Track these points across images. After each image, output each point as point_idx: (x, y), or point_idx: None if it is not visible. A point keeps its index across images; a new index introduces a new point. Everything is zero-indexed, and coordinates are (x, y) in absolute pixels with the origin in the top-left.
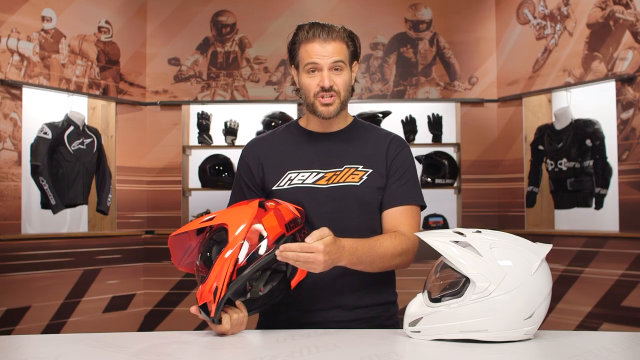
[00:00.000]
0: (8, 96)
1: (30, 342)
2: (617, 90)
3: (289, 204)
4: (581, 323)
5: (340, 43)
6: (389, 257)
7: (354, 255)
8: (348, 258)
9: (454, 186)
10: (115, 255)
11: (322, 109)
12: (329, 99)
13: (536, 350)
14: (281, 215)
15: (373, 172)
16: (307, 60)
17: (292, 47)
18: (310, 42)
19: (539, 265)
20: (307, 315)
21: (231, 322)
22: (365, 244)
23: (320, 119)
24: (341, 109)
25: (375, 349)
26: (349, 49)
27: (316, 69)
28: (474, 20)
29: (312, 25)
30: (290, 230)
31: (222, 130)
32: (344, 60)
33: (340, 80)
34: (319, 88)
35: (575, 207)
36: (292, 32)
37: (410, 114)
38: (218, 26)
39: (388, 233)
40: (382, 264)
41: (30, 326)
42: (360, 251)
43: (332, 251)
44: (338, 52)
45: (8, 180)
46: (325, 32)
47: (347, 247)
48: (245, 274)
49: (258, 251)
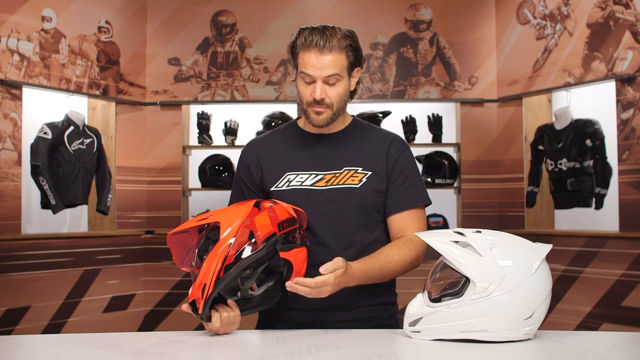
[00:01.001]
0: (8, 96)
1: (30, 342)
2: (617, 90)
3: (288, 204)
4: (581, 323)
5: (338, 55)
6: (398, 269)
7: (364, 278)
8: (357, 282)
9: (454, 186)
10: (115, 255)
11: (314, 116)
12: (320, 108)
13: (536, 350)
14: (275, 215)
15: (372, 174)
16: (303, 69)
17: (292, 49)
18: (308, 50)
19: (539, 265)
20: (305, 315)
21: (221, 321)
22: (375, 264)
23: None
24: (333, 119)
25: (375, 349)
26: (349, 59)
27: (310, 80)
28: (474, 20)
29: (312, 30)
30: (282, 229)
31: (222, 130)
32: (339, 73)
33: (334, 93)
34: (312, 98)
35: (575, 207)
36: (295, 32)
37: (410, 114)
38: (218, 26)
39: (396, 242)
40: (391, 276)
41: (30, 326)
42: (371, 274)
43: (342, 281)
44: (334, 64)
45: (8, 180)
46: (324, 40)
47: (358, 274)
48: (231, 272)
49: (245, 250)
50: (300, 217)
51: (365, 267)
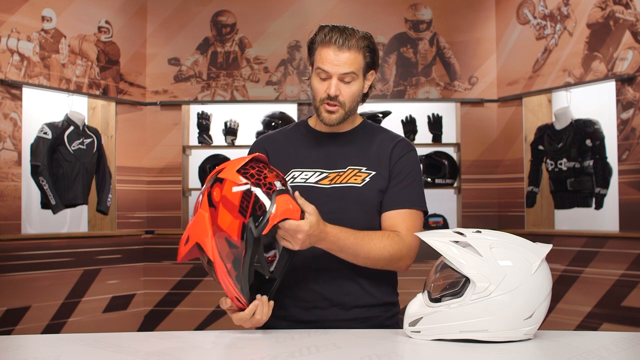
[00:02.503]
0: (8, 96)
1: (30, 342)
2: (617, 90)
3: (236, 162)
4: (581, 323)
5: (356, 53)
6: (375, 254)
7: (335, 244)
8: (328, 245)
9: (454, 186)
10: (115, 255)
11: (325, 115)
12: (332, 107)
13: (536, 350)
14: (230, 202)
15: (376, 174)
16: (319, 65)
17: (310, 46)
18: (326, 46)
19: (539, 265)
20: (304, 313)
21: (255, 315)
22: (350, 236)
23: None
24: (344, 118)
25: (375, 349)
26: (365, 59)
27: (326, 77)
28: (474, 20)
29: (332, 28)
30: (246, 212)
31: (222, 130)
32: (355, 72)
33: (348, 92)
34: (326, 95)
35: (575, 207)
36: (314, 30)
37: (410, 114)
38: (218, 26)
39: (382, 231)
40: (367, 259)
41: (30, 326)
42: (343, 242)
43: (314, 234)
44: (351, 62)
45: (8, 180)
46: (343, 38)
47: (331, 235)
48: (243, 278)
49: (235, 257)
50: (257, 159)
51: (340, 233)
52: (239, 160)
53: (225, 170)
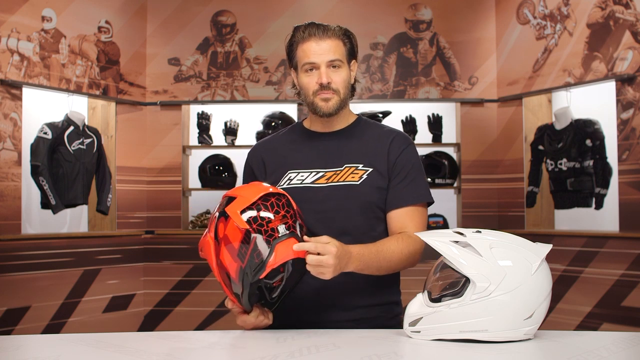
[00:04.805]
0: (8, 96)
1: (30, 342)
2: (617, 90)
3: (249, 194)
4: (581, 323)
5: (337, 40)
6: (395, 260)
7: (361, 261)
8: (355, 264)
9: (454, 186)
10: (115, 255)
11: (322, 104)
12: (327, 94)
13: (536, 350)
14: (230, 243)
15: (373, 171)
16: (305, 59)
17: (290, 49)
18: (307, 41)
19: (539, 265)
20: (306, 314)
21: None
22: (371, 249)
23: (322, 117)
24: (341, 106)
25: (375, 349)
26: (346, 46)
27: (314, 68)
28: (474, 20)
29: (307, 25)
30: (244, 258)
31: (222, 130)
32: (340, 59)
33: (339, 78)
34: (318, 86)
35: (575, 207)
36: (290, 34)
37: (410, 114)
38: (218, 26)
39: (394, 235)
40: (389, 268)
41: (30, 326)
42: (367, 257)
43: (342, 256)
44: (334, 50)
45: (8, 180)
46: (321, 30)
47: (354, 253)
48: (244, 303)
49: (234, 290)
50: (267, 195)
51: (361, 249)
52: (254, 190)
53: (234, 204)
